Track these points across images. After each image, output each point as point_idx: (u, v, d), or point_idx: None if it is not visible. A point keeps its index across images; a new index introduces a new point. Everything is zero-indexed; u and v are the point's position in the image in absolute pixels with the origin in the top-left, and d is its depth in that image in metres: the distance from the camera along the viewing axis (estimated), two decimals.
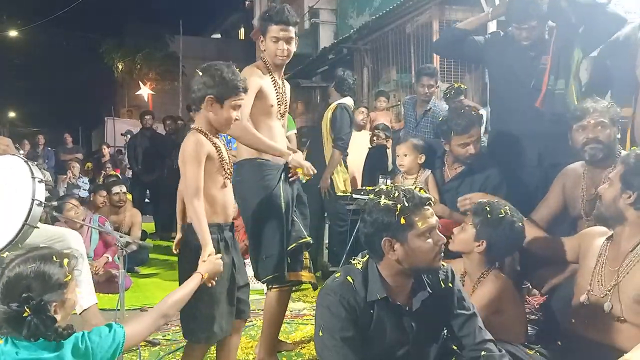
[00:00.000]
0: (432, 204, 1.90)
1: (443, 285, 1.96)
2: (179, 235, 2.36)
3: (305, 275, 2.88)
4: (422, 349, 1.98)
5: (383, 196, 1.87)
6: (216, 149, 2.23)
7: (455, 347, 2.00)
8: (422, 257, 1.85)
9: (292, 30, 2.75)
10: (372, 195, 1.94)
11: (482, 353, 1.90)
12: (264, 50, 2.79)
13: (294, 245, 2.76)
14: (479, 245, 2.32)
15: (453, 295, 1.97)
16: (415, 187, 1.93)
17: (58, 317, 1.54)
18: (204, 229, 2.13)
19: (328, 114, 4.66)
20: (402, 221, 1.81)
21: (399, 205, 1.82)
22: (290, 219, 2.78)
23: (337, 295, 1.87)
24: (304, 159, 2.85)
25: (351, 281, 1.90)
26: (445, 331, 2.02)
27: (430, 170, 3.28)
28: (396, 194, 1.85)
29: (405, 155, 3.38)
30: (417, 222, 1.83)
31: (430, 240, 1.85)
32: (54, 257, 1.56)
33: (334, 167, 4.58)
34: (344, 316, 1.84)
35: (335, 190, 4.59)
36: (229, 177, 2.28)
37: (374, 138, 5.48)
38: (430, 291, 1.92)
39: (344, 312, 1.85)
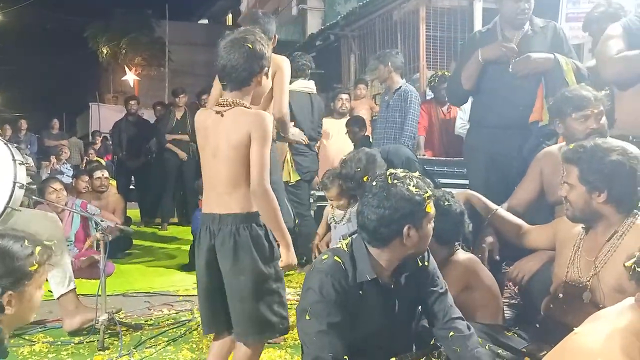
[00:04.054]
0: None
1: (420, 264, 2.00)
2: None
3: None
4: (404, 328, 2.03)
5: (410, 184, 1.85)
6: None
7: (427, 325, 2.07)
8: (427, 241, 1.93)
9: None
10: (389, 179, 1.87)
11: (450, 334, 1.93)
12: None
13: None
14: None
15: (428, 273, 2.02)
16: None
17: (10, 310, 1.34)
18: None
19: None
20: (429, 209, 1.86)
21: (425, 195, 1.85)
22: None
23: (328, 276, 1.85)
24: None
25: (341, 262, 1.90)
26: (420, 308, 2.08)
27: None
28: (417, 182, 1.87)
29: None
30: (431, 209, 1.89)
31: (430, 224, 1.92)
32: (27, 241, 1.39)
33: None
34: (334, 299, 1.83)
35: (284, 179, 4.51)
36: None
37: (351, 135, 5.44)
38: (409, 270, 1.97)
39: (334, 294, 1.83)
